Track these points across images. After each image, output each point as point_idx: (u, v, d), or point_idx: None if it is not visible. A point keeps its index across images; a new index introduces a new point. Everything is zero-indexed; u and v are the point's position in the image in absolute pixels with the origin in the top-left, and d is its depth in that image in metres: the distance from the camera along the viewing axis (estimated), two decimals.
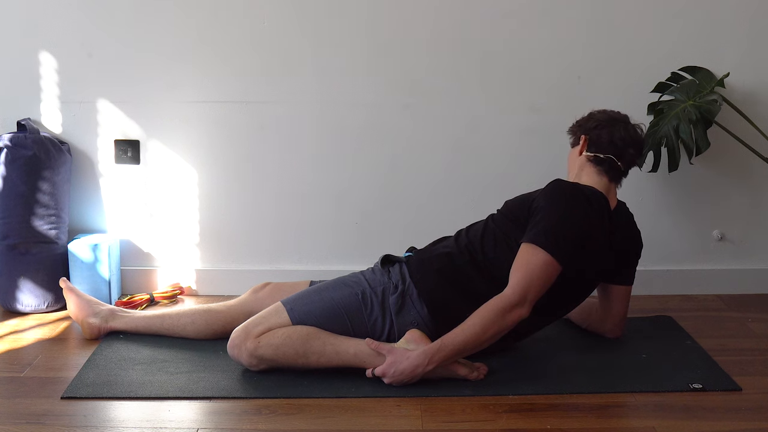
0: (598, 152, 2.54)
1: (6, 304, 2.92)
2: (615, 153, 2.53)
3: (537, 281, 2.29)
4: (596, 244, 2.41)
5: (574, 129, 2.64)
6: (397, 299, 2.40)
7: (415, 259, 2.47)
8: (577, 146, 2.60)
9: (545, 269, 2.30)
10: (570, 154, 2.65)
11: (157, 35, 2.98)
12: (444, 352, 2.27)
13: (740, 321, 2.85)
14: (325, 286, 2.47)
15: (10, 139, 2.88)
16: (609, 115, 2.59)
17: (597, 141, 2.55)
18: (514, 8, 2.97)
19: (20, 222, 2.88)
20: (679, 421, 2.14)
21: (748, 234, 3.12)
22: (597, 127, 2.56)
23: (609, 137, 2.54)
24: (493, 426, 2.14)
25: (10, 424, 2.12)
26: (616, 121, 2.57)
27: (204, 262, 3.14)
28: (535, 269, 2.30)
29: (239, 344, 2.36)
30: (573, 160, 2.61)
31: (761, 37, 3.00)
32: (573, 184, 2.49)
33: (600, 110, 2.62)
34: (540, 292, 2.31)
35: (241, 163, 3.07)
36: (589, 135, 2.56)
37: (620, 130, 2.55)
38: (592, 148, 2.55)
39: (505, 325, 2.28)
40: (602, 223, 2.44)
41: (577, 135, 2.61)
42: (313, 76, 3.01)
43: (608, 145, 2.53)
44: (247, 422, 2.15)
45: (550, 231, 2.33)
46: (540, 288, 2.30)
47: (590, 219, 2.41)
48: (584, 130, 2.58)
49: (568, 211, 2.38)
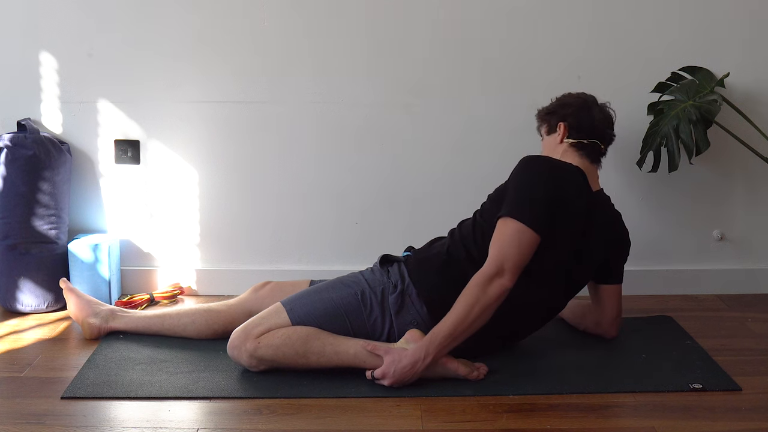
0: (581, 138, 2.53)
1: (6, 304, 2.92)
2: (598, 136, 2.54)
3: (510, 249, 2.30)
4: (571, 207, 2.40)
5: (547, 117, 2.61)
6: (396, 299, 2.40)
7: (413, 259, 2.47)
8: (554, 134, 2.58)
9: (517, 236, 2.31)
10: (546, 142, 2.62)
11: (158, 35, 2.98)
12: (437, 340, 2.27)
13: (740, 321, 2.85)
14: (325, 286, 2.47)
15: (10, 139, 2.88)
16: (582, 99, 2.59)
17: (578, 126, 2.54)
18: (514, 8, 2.97)
19: (20, 222, 2.88)
20: (679, 421, 2.14)
21: (748, 234, 3.13)
22: (576, 113, 2.55)
23: (590, 121, 2.54)
24: (493, 426, 2.14)
25: (10, 424, 2.12)
26: (591, 103, 2.58)
27: (204, 262, 3.14)
28: (506, 238, 2.32)
29: (239, 345, 2.36)
30: (552, 148, 2.58)
31: (761, 37, 3.00)
32: (542, 156, 2.50)
33: (567, 94, 2.63)
34: (518, 261, 2.30)
35: (241, 163, 3.07)
36: (567, 121, 2.55)
37: (597, 113, 2.56)
38: (573, 134, 2.54)
39: (488, 298, 2.27)
40: (576, 189, 2.43)
41: (552, 122, 2.59)
42: (313, 76, 3.01)
43: (591, 129, 2.54)
44: (247, 422, 2.15)
45: (517, 200, 2.36)
46: (516, 256, 2.30)
47: (559, 182, 2.40)
48: (561, 117, 2.57)
49: (534, 178, 2.39)
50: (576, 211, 2.42)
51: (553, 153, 2.57)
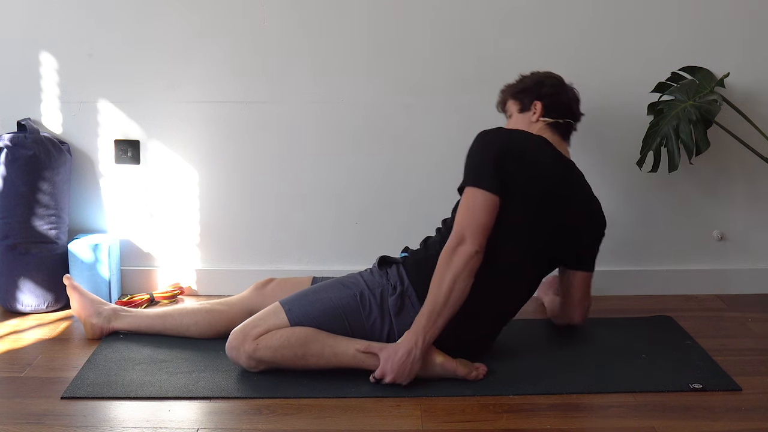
0: (557, 117, 2.54)
1: (6, 304, 2.92)
2: (572, 116, 2.58)
3: (468, 214, 2.33)
4: (529, 155, 2.42)
5: (520, 95, 2.60)
6: (396, 301, 2.40)
7: (411, 261, 2.47)
8: (527, 112, 2.57)
9: (473, 201, 2.34)
10: (516, 119, 2.60)
11: (158, 35, 2.98)
12: (422, 323, 2.28)
13: (740, 321, 2.85)
14: (323, 286, 2.47)
15: (10, 139, 2.88)
16: (556, 78, 2.61)
17: (554, 106, 2.55)
18: (514, 8, 2.97)
19: (20, 222, 2.88)
20: (679, 421, 2.15)
21: (748, 234, 3.12)
22: (552, 93, 2.56)
23: (566, 101, 2.57)
24: (493, 426, 2.14)
25: (10, 424, 2.12)
26: (561, 83, 2.60)
27: (204, 262, 3.14)
28: (463, 206, 2.36)
29: (237, 346, 2.36)
30: (524, 125, 2.57)
31: (761, 37, 3.00)
32: (490, 129, 2.49)
33: (535, 73, 2.63)
34: (476, 225, 2.32)
35: (241, 163, 3.07)
36: (543, 101, 2.55)
37: (568, 92, 2.59)
38: (550, 113, 2.55)
39: (456, 267, 2.28)
40: (534, 144, 2.45)
41: (526, 101, 2.58)
42: (313, 76, 3.01)
43: (566, 109, 2.57)
44: (246, 422, 2.15)
45: (466, 170, 2.41)
46: (472, 221, 2.32)
47: (506, 139, 2.43)
48: (537, 96, 2.56)
49: (480, 144, 2.44)
50: (536, 161, 2.42)
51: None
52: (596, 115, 3.03)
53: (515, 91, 2.63)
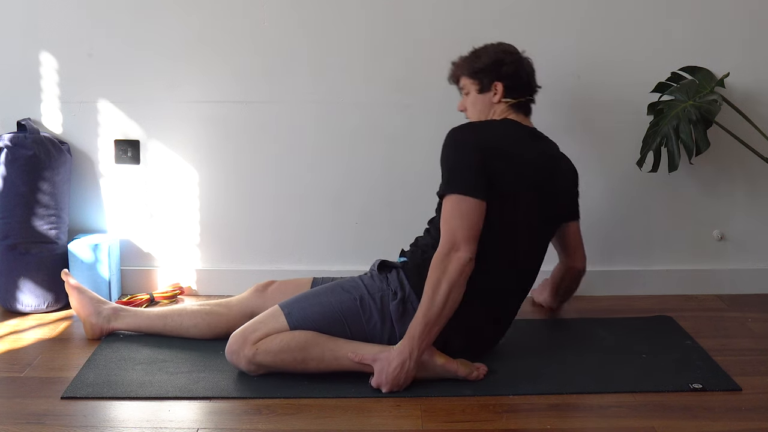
0: (519, 97, 2.52)
1: (6, 304, 2.92)
2: (532, 91, 2.55)
3: (455, 222, 2.29)
4: (508, 153, 2.39)
5: (479, 75, 2.52)
6: (398, 306, 2.38)
7: (410, 266, 2.44)
8: (487, 93, 2.52)
9: (458, 208, 2.30)
10: (475, 100, 2.54)
11: (158, 35, 2.98)
12: (416, 333, 2.26)
13: (740, 321, 2.85)
14: (323, 290, 2.46)
15: (10, 139, 2.88)
16: (512, 54, 2.53)
17: (515, 86, 2.51)
18: (514, 8, 2.97)
19: (20, 222, 2.87)
20: (679, 421, 2.14)
21: (747, 234, 3.12)
22: (512, 73, 2.50)
23: (526, 78, 2.53)
24: (493, 426, 2.14)
25: (10, 424, 2.12)
26: (519, 58, 2.54)
27: (204, 262, 3.14)
28: (448, 214, 2.31)
29: (237, 350, 2.35)
30: (487, 107, 2.53)
31: (761, 37, 3.00)
32: (464, 125, 2.47)
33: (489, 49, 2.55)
34: (468, 231, 2.28)
35: (241, 163, 3.07)
36: (504, 82, 2.51)
37: (526, 68, 2.55)
38: (511, 93, 2.51)
39: (451, 275, 2.25)
40: (505, 135, 2.43)
41: (486, 81, 2.52)
42: (313, 76, 3.01)
43: (527, 87, 2.54)
44: (246, 422, 2.15)
45: (447, 176, 2.36)
46: (464, 227, 2.28)
47: (483, 137, 2.39)
48: (497, 76, 2.50)
49: (456, 146, 2.38)
50: (521, 157, 2.40)
51: (487, 112, 2.53)
52: (596, 115, 3.04)
53: (473, 70, 2.53)
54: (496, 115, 2.53)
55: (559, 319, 2.86)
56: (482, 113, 2.54)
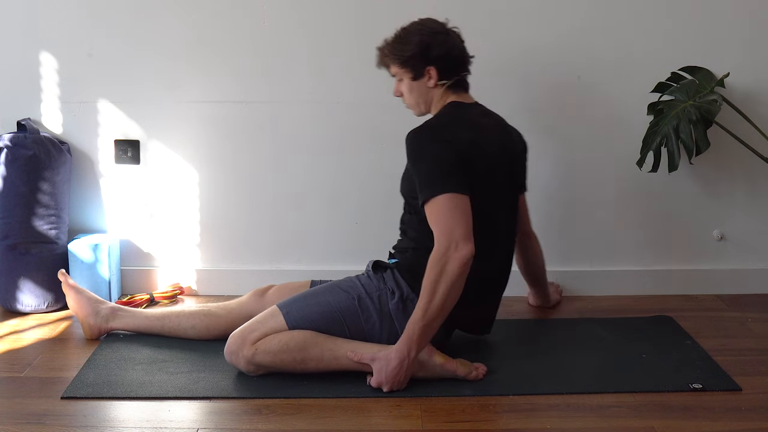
0: (454, 76, 2.48)
1: (6, 304, 2.92)
2: (464, 67, 2.50)
3: (454, 219, 2.26)
4: (472, 142, 2.38)
5: (410, 61, 2.45)
6: (397, 305, 2.38)
7: (403, 264, 2.45)
8: (422, 79, 2.47)
9: (450, 207, 2.28)
10: (411, 86, 2.49)
11: (158, 35, 2.98)
12: (415, 332, 2.24)
13: (740, 321, 2.85)
14: (321, 290, 2.46)
15: (10, 139, 2.88)
16: (441, 32, 2.46)
17: (448, 66, 2.46)
18: (514, 8, 2.97)
19: (20, 222, 2.88)
20: (679, 421, 2.15)
21: (747, 234, 3.12)
22: (443, 54, 2.44)
23: (457, 55, 2.48)
24: (493, 426, 2.15)
25: (11, 424, 2.12)
26: (446, 35, 2.46)
27: (204, 262, 3.14)
28: (442, 215, 2.28)
29: (236, 351, 2.35)
30: (425, 94, 2.49)
31: (761, 37, 3.00)
32: (423, 127, 2.42)
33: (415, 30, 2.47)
34: (465, 227, 2.26)
35: (241, 163, 3.07)
36: (436, 65, 2.45)
37: (456, 43, 2.48)
38: (446, 75, 2.47)
39: (451, 274, 2.23)
40: (465, 128, 2.41)
41: (418, 67, 2.45)
42: (313, 76, 3.01)
43: (460, 63, 2.49)
44: (246, 422, 2.15)
45: (428, 181, 2.31)
46: (462, 223, 2.26)
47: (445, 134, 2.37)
48: (428, 61, 2.44)
49: (431, 153, 2.34)
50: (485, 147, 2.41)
51: (426, 97, 2.50)
52: (596, 115, 3.04)
53: (403, 58, 2.46)
54: (437, 99, 2.50)
55: (559, 318, 2.86)
56: (421, 98, 2.51)
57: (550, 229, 3.08)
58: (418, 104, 2.52)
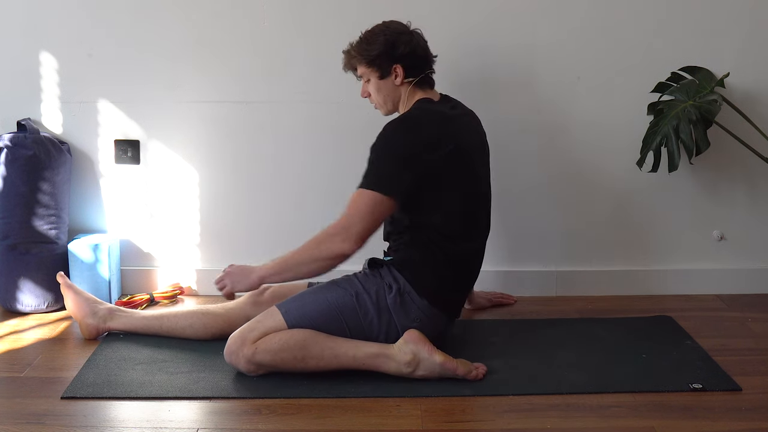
0: (420, 73, 2.54)
1: (6, 304, 2.93)
2: (429, 65, 2.57)
3: (363, 217, 2.36)
4: (452, 140, 2.43)
5: (376, 61, 2.52)
6: (395, 298, 2.41)
7: (398, 258, 2.48)
8: (389, 77, 2.53)
9: (371, 205, 2.37)
10: (379, 86, 2.55)
11: (157, 36, 2.99)
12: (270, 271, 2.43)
13: (740, 321, 2.85)
14: (319, 288, 2.48)
15: (10, 139, 2.89)
16: (404, 32, 2.54)
17: (414, 63, 2.52)
18: (514, 8, 2.98)
19: (20, 222, 2.88)
20: (678, 420, 2.15)
21: (747, 234, 3.13)
22: (408, 53, 2.50)
23: (422, 53, 2.55)
24: (493, 426, 2.16)
25: (11, 424, 2.12)
26: (411, 35, 2.54)
27: (204, 262, 3.14)
28: (359, 207, 2.38)
29: (236, 351, 2.36)
30: (393, 92, 2.55)
31: (761, 37, 3.00)
32: (397, 120, 2.50)
33: (378, 31, 2.54)
34: (368, 229, 2.37)
35: (241, 163, 3.07)
36: (402, 63, 2.52)
37: (419, 42, 2.55)
38: (411, 72, 2.53)
39: (325, 252, 2.36)
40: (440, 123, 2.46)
41: (384, 66, 2.52)
42: (312, 77, 3.01)
43: (425, 61, 2.55)
44: (246, 422, 2.15)
45: (369, 171, 2.41)
46: (367, 224, 2.36)
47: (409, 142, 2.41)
48: (394, 59, 2.51)
49: (391, 147, 2.42)
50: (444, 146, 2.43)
51: (393, 95, 2.56)
52: (596, 115, 3.04)
53: (369, 58, 2.52)
54: (404, 97, 2.55)
55: (559, 319, 2.86)
56: (388, 97, 2.57)
57: (550, 228, 3.09)
58: (385, 103, 2.58)
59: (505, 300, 3.02)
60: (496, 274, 3.06)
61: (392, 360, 2.33)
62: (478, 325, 2.82)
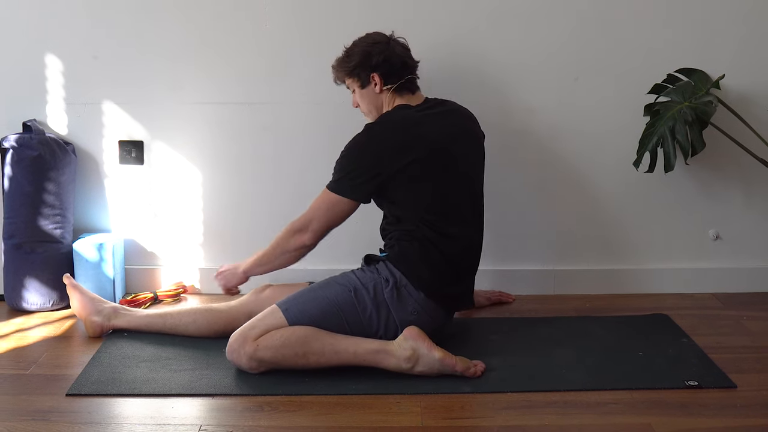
0: (398, 80, 2.60)
1: (12, 302, 2.95)
2: (410, 70, 2.63)
3: (322, 214, 2.53)
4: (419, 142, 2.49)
5: (355, 71, 2.62)
6: (392, 292, 2.45)
7: (393, 254, 2.52)
8: (368, 86, 2.62)
9: (330, 205, 2.53)
10: (362, 95, 2.66)
11: (161, 37, 3.01)
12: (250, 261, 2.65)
13: (735, 319, 2.86)
14: (318, 286, 2.51)
15: (16, 139, 2.91)
16: (381, 41, 2.62)
17: (390, 71, 2.60)
18: (512, 9, 2.99)
19: (26, 222, 2.90)
20: (674, 417, 2.17)
21: (743, 233, 3.14)
22: (384, 61, 2.59)
23: (398, 60, 2.61)
24: (492, 423, 2.17)
25: (16, 420, 2.15)
26: (387, 42, 2.63)
27: (207, 261, 3.17)
28: (321, 206, 2.55)
29: (238, 348, 2.38)
30: (374, 100, 2.64)
31: (756, 39, 3.02)
32: (363, 130, 2.58)
33: (359, 42, 2.64)
34: (325, 226, 2.55)
35: (243, 164, 3.09)
36: (379, 71, 2.59)
37: (396, 49, 2.62)
38: (390, 79, 2.60)
39: (288, 246, 2.57)
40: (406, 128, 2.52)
41: (363, 75, 2.61)
42: (315, 78, 3.02)
43: (402, 67, 2.61)
44: (249, 419, 2.17)
45: (335, 174, 2.55)
46: (326, 221, 2.54)
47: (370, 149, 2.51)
48: (371, 68, 2.60)
49: (347, 155, 2.54)
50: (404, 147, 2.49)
51: (376, 103, 2.64)
52: (593, 116, 3.06)
53: (349, 69, 2.64)
54: (386, 103, 2.63)
55: (557, 317, 2.88)
56: (372, 104, 2.65)
57: (548, 228, 3.11)
58: (370, 111, 2.67)
59: (504, 298, 3.05)
60: (494, 273, 3.09)
61: (392, 356, 2.36)
62: (477, 322, 2.85)
